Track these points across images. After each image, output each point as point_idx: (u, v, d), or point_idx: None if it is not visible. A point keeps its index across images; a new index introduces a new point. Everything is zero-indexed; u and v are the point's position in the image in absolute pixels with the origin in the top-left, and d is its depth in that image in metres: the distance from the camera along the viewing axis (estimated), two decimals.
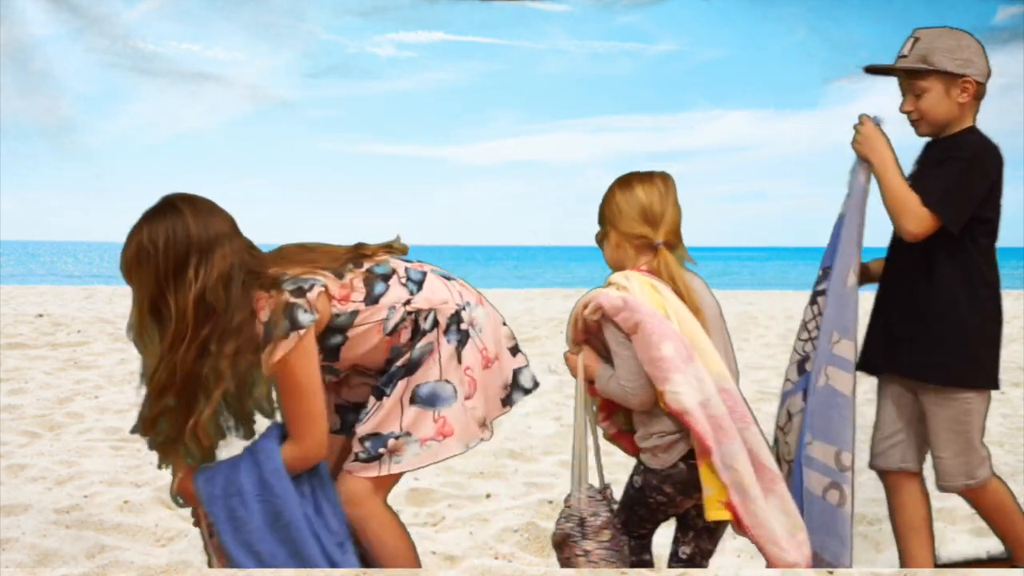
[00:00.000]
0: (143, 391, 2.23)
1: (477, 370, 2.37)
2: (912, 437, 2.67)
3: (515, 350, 2.51)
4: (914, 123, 2.60)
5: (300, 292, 2.21)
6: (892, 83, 2.65)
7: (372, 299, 2.31)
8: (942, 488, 2.64)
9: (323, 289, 2.24)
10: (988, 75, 2.55)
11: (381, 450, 2.30)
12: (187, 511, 3.54)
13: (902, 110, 2.59)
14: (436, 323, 2.34)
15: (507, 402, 2.47)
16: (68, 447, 4.55)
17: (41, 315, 10.92)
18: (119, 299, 14.65)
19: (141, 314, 2.19)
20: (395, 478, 2.37)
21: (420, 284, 2.37)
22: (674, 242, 2.34)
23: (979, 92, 2.54)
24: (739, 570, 3.04)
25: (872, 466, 2.76)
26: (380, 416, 2.32)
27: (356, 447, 2.34)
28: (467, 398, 2.35)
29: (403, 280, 2.36)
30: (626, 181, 2.35)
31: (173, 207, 2.21)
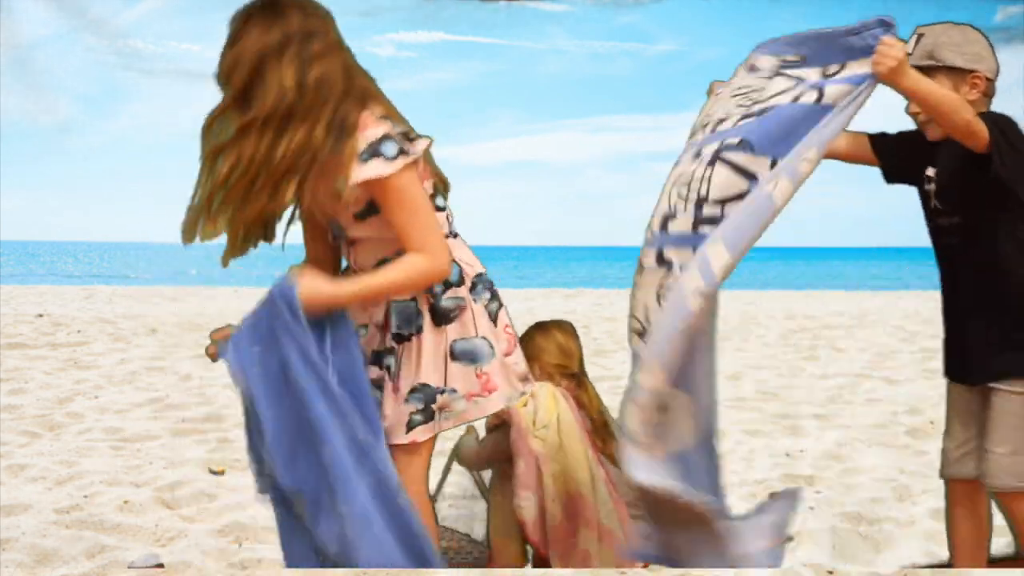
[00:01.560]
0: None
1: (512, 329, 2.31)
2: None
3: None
4: (923, 125, 2.37)
5: (408, 137, 2.11)
6: None
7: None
8: (988, 487, 2.40)
9: (419, 156, 2.12)
10: (998, 72, 2.36)
11: (433, 405, 2.19)
12: (187, 511, 3.55)
13: (909, 111, 2.37)
14: (462, 279, 2.22)
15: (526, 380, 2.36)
16: (68, 447, 4.55)
17: (41, 315, 10.92)
18: (119, 299, 14.65)
19: (225, 104, 2.06)
20: (431, 447, 2.25)
21: (454, 236, 2.28)
22: (582, 371, 2.81)
23: (989, 89, 2.34)
24: (739, 570, 3.03)
25: (944, 475, 2.52)
26: (417, 364, 2.20)
27: (407, 408, 2.19)
28: (506, 354, 2.26)
29: (448, 222, 2.27)
30: (544, 327, 2.82)
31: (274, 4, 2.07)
